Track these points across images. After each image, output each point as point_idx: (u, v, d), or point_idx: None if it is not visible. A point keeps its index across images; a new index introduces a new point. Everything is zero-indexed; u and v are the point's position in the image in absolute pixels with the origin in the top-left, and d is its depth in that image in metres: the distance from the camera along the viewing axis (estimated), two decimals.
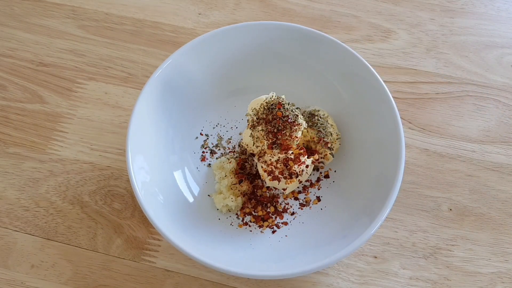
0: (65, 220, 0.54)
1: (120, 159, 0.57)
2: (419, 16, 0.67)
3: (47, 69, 0.63)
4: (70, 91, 0.62)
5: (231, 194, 0.52)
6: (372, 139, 0.53)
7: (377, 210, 0.46)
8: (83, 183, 0.56)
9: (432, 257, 0.51)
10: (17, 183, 0.56)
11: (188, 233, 0.48)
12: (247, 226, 0.52)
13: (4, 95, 0.62)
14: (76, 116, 0.60)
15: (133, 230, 0.53)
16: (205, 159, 0.56)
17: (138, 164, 0.49)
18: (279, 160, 0.50)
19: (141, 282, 0.50)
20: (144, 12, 0.67)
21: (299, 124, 0.50)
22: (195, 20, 0.67)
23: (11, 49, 0.65)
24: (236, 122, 0.58)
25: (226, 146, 0.57)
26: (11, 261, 0.52)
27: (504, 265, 0.51)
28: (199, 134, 0.57)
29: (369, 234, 0.44)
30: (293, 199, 0.54)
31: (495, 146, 0.58)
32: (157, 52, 0.64)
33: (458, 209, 0.54)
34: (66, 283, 0.50)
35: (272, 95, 0.51)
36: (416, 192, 0.55)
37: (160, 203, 0.49)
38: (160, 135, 0.54)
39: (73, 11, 0.67)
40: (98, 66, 0.63)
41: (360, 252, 0.52)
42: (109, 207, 0.54)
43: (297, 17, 0.67)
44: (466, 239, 0.52)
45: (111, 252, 0.52)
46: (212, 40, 0.55)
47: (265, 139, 0.50)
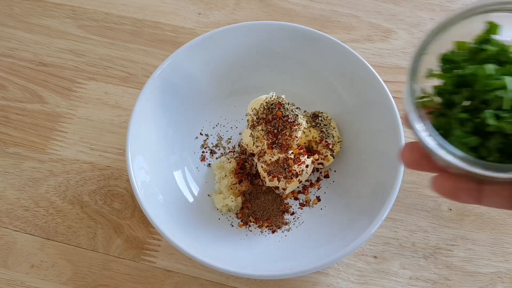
0: (65, 220, 0.54)
1: (120, 159, 0.57)
2: (419, 16, 0.67)
3: (47, 69, 0.63)
4: (70, 91, 0.62)
5: (231, 194, 0.52)
6: (372, 139, 0.53)
7: (377, 210, 0.46)
8: (83, 183, 0.56)
9: (432, 257, 0.51)
10: (17, 183, 0.56)
11: (188, 233, 0.48)
12: (247, 226, 0.52)
13: (4, 95, 0.62)
14: (76, 116, 0.60)
15: (133, 230, 0.53)
16: (205, 159, 0.56)
17: (138, 164, 0.49)
18: (279, 160, 0.50)
19: (141, 282, 0.50)
20: (144, 12, 0.67)
21: (299, 124, 0.50)
22: (195, 20, 0.67)
23: (11, 49, 0.65)
24: (236, 122, 0.58)
25: (226, 146, 0.57)
26: (11, 261, 0.52)
27: (504, 265, 0.51)
28: (199, 134, 0.57)
29: (369, 234, 0.44)
30: (293, 199, 0.54)
31: None
32: (157, 52, 0.64)
33: (458, 209, 0.54)
34: (66, 283, 0.50)
35: (272, 95, 0.51)
36: (416, 192, 0.55)
37: (160, 203, 0.49)
38: (160, 135, 0.54)
39: (73, 11, 0.67)
40: (98, 66, 0.63)
41: (360, 252, 0.52)
42: (109, 207, 0.54)
43: (297, 17, 0.67)
44: (466, 239, 0.52)
45: (111, 252, 0.52)
46: (212, 40, 0.55)
47: (265, 139, 0.50)
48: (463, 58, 0.29)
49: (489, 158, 0.27)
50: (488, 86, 0.27)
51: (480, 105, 0.27)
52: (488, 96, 0.27)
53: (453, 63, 0.29)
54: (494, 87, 0.27)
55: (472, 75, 0.27)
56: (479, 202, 0.28)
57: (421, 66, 0.29)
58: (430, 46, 0.29)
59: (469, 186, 0.28)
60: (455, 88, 0.28)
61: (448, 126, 0.28)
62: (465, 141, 0.27)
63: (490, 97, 0.27)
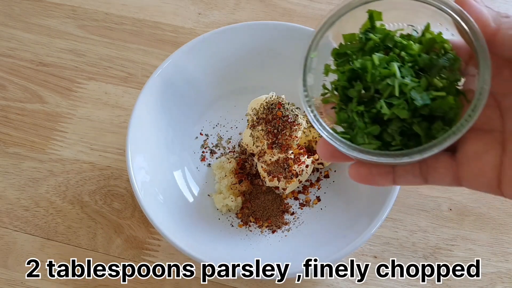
0: (65, 220, 0.54)
1: (120, 159, 0.57)
2: None
3: (47, 69, 0.63)
4: (70, 91, 0.62)
5: (231, 194, 0.52)
6: None
7: (377, 210, 0.46)
8: (83, 183, 0.56)
9: (432, 257, 0.51)
10: (17, 183, 0.56)
11: (188, 233, 0.48)
12: (247, 226, 0.52)
13: (4, 95, 0.62)
14: (76, 116, 0.60)
15: (133, 230, 0.53)
16: (205, 159, 0.56)
17: (138, 164, 0.49)
18: (279, 160, 0.50)
19: (141, 282, 0.50)
20: (144, 12, 0.67)
21: (299, 124, 0.50)
22: (195, 20, 0.67)
23: (11, 49, 0.65)
24: (236, 122, 0.58)
25: (226, 146, 0.57)
26: (11, 261, 0.52)
27: (504, 265, 0.51)
28: (199, 134, 0.57)
29: (369, 234, 0.44)
30: (293, 199, 0.54)
31: None
32: (157, 52, 0.64)
33: (458, 209, 0.54)
34: (66, 283, 0.50)
35: (272, 95, 0.51)
36: (416, 192, 0.55)
37: (160, 203, 0.49)
38: (160, 135, 0.54)
39: (73, 11, 0.67)
40: (98, 66, 0.63)
41: (360, 252, 0.52)
42: (109, 207, 0.54)
43: (297, 17, 0.67)
44: (466, 239, 0.52)
45: (111, 252, 0.52)
46: (212, 40, 0.55)
47: (265, 139, 0.50)
48: (354, 50, 0.30)
49: (394, 142, 0.27)
50: (378, 77, 0.27)
51: (375, 95, 0.28)
52: (379, 87, 0.27)
53: (346, 56, 0.30)
54: (383, 76, 0.27)
55: (361, 68, 0.28)
56: (394, 183, 0.29)
57: (312, 65, 0.30)
58: (319, 43, 0.30)
59: (383, 171, 0.29)
60: (349, 82, 0.29)
61: (351, 119, 0.29)
62: (367, 132, 0.28)
63: (381, 87, 0.27)
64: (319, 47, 0.30)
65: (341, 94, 0.30)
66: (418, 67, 0.28)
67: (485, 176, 0.27)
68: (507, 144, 0.26)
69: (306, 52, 0.30)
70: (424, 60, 0.28)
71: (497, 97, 0.27)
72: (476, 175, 0.27)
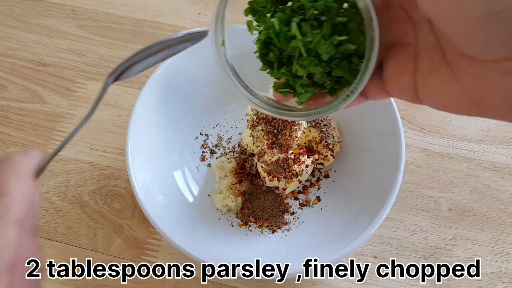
0: (65, 220, 0.54)
1: (120, 159, 0.57)
2: None
3: (47, 69, 0.63)
4: (70, 91, 0.62)
5: (231, 194, 0.52)
6: (371, 139, 0.53)
7: (377, 210, 0.46)
8: (83, 183, 0.56)
9: (432, 257, 0.51)
10: None
11: (188, 233, 0.48)
12: (247, 226, 0.52)
13: (4, 95, 0.62)
14: (76, 116, 0.60)
15: (133, 230, 0.53)
16: (205, 159, 0.56)
17: (138, 164, 0.49)
18: (279, 160, 0.50)
19: (141, 282, 0.50)
20: (144, 12, 0.67)
21: (299, 124, 0.50)
22: (195, 20, 0.67)
23: (11, 49, 0.65)
24: (236, 122, 0.58)
25: (226, 146, 0.57)
26: None
27: (504, 265, 0.51)
28: (199, 134, 0.57)
29: (369, 234, 0.44)
30: (293, 199, 0.54)
31: (495, 146, 0.58)
32: None
33: (458, 209, 0.54)
34: (66, 283, 0.50)
35: None
36: (416, 192, 0.55)
37: (160, 203, 0.49)
38: (160, 135, 0.54)
39: (73, 11, 0.67)
40: (98, 66, 0.63)
41: (360, 252, 0.52)
42: (109, 207, 0.54)
43: None
44: (466, 239, 0.52)
45: (111, 252, 0.52)
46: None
47: (265, 139, 0.50)
48: (263, 5, 0.31)
49: (327, 84, 0.30)
50: (283, 42, 0.28)
51: (291, 54, 0.29)
52: (288, 50, 0.29)
53: (259, 12, 0.31)
54: (288, 37, 0.28)
55: (268, 37, 0.30)
56: None
57: (223, 22, 0.33)
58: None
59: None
60: (266, 48, 0.31)
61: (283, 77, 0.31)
62: (299, 84, 0.30)
63: (291, 50, 0.28)
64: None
65: (263, 60, 0.32)
66: (318, 11, 0.28)
67: (405, 94, 0.28)
68: (419, 61, 0.27)
69: (218, 6, 0.32)
70: (322, 3, 0.27)
71: (407, 9, 0.27)
72: (398, 93, 0.29)
